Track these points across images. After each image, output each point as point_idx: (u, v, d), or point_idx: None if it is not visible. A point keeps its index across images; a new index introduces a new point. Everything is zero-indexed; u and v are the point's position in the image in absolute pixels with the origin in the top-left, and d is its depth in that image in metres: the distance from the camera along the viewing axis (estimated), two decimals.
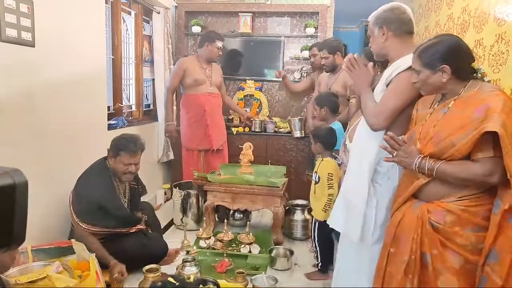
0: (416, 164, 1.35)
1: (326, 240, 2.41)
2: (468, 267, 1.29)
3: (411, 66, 1.57)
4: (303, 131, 3.68)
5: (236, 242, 2.72)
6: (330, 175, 2.35)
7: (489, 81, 1.40)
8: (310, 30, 3.96)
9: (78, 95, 2.51)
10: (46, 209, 2.26)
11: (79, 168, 2.31)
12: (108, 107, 3.10)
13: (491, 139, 1.23)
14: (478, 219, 1.28)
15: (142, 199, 2.77)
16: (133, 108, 3.74)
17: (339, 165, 2.38)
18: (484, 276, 1.24)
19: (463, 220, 1.29)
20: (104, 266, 2.09)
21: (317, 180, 2.41)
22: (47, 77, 2.21)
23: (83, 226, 2.15)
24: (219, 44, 3.34)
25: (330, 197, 2.33)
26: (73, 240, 2.08)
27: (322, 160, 2.44)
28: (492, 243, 1.23)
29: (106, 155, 2.34)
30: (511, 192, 1.21)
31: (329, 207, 2.33)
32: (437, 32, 3.37)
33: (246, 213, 3.26)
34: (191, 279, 2.07)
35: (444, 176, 1.31)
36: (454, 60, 1.35)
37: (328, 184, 2.35)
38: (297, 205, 3.17)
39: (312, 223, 2.51)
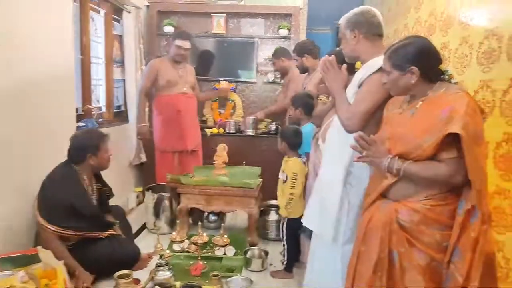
0: (385, 164, 1.37)
1: (293, 238, 2.44)
2: (433, 265, 1.32)
3: (381, 67, 1.61)
4: (255, 130, 3.86)
5: (211, 244, 2.69)
6: (295, 174, 2.39)
7: (456, 83, 1.44)
8: (284, 32, 4.00)
9: (45, 96, 2.42)
10: (11, 215, 2.15)
11: (47, 171, 2.23)
12: (77, 109, 3.00)
13: (454, 141, 1.26)
14: (443, 218, 1.31)
15: (114, 202, 2.70)
16: (103, 109, 3.64)
17: (304, 163, 2.44)
18: (449, 273, 1.27)
19: (429, 219, 1.32)
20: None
21: (285, 179, 2.45)
22: (11, 78, 2.11)
23: (52, 228, 2.07)
24: (179, 42, 3.25)
25: (291, 196, 2.39)
26: (39, 247, 2.00)
27: (288, 159, 2.48)
28: (456, 242, 1.26)
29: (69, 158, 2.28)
30: (472, 193, 1.24)
31: (290, 206, 2.40)
32: (405, 34, 3.47)
33: (221, 215, 3.24)
34: (177, 285, 2.10)
35: (411, 176, 1.34)
36: (423, 62, 1.37)
37: (291, 184, 2.39)
38: (272, 206, 3.17)
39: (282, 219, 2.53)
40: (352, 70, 1.82)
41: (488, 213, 1.26)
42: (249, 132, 3.85)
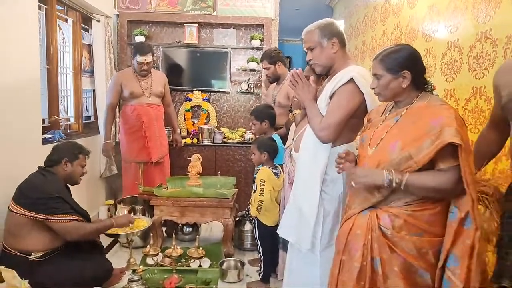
0: (385, 180, 1.33)
1: (269, 248, 2.44)
2: (413, 270, 1.33)
3: (351, 78, 1.65)
4: (212, 140, 3.96)
5: (186, 257, 2.64)
6: (262, 181, 2.41)
7: (437, 95, 1.47)
8: (256, 42, 4.04)
9: (9, 107, 2.31)
10: None
11: (12, 184, 2.10)
12: (43, 120, 2.89)
13: (449, 150, 1.26)
14: (421, 223, 1.33)
15: None
16: (72, 120, 3.52)
17: (276, 174, 2.45)
18: (446, 279, 1.28)
19: (409, 224, 1.33)
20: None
21: (255, 188, 2.46)
22: None
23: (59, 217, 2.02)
24: (140, 59, 3.16)
25: (260, 203, 2.41)
26: (2, 267, 1.88)
27: (259, 169, 2.50)
28: (451, 248, 1.27)
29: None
30: (466, 200, 1.25)
31: (259, 211, 2.43)
32: (373, 46, 3.60)
33: (196, 226, 3.19)
34: None
35: (413, 188, 1.32)
36: (414, 68, 1.41)
37: (260, 190, 2.40)
38: (247, 215, 3.16)
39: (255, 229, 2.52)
40: (324, 78, 1.86)
41: (480, 219, 1.27)
42: (205, 141, 3.91)
